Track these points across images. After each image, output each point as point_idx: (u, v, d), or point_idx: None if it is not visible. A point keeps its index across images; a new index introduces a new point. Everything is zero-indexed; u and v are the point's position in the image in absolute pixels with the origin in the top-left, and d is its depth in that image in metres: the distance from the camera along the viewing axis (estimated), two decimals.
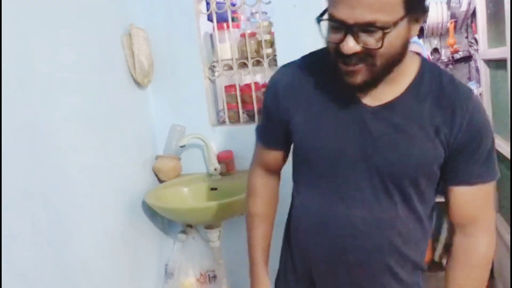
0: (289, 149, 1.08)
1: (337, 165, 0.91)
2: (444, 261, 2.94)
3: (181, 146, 1.99)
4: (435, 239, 3.01)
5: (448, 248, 3.16)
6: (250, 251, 1.12)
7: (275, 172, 1.13)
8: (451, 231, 0.99)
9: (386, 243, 0.92)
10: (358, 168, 0.89)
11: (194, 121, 2.09)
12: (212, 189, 1.99)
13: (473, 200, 0.90)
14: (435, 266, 2.98)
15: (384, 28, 0.74)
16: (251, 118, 2.13)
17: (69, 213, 1.46)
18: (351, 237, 0.92)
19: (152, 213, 1.98)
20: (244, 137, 2.02)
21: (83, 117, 1.58)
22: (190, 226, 2.11)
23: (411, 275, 0.97)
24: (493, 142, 0.88)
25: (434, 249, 3.00)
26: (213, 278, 2.07)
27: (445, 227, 2.98)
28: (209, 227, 1.98)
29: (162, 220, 2.10)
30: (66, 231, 1.44)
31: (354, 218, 0.91)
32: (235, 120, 2.14)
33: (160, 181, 2.08)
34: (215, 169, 2.02)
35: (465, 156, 0.86)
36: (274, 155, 1.08)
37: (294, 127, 0.96)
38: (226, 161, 2.02)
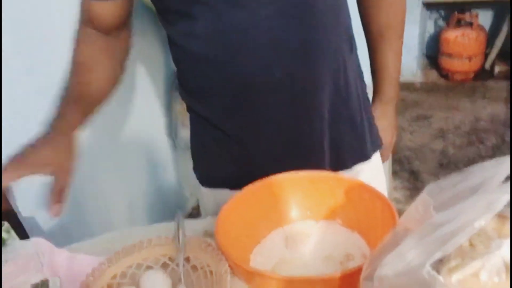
0: None
1: None
2: (497, 69, 2.62)
3: None
4: (489, 44, 2.64)
5: (502, 55, 2.78)
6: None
7: (117, 28, 0.73)
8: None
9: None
10: None
11: None
12: None
13: None
14: (485, 74, 2.68)
15: None
16: None
17: None
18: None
19: None
20: None
21: None
22: None
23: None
24: None
25: (486, 55, 2.66)
26: None
27: (504, 30, 2.58)
28: None
29: None
30: None
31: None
32: None
33: None
34: None
35: None
36: (109, 7, 0.69)
37: None
38: None
